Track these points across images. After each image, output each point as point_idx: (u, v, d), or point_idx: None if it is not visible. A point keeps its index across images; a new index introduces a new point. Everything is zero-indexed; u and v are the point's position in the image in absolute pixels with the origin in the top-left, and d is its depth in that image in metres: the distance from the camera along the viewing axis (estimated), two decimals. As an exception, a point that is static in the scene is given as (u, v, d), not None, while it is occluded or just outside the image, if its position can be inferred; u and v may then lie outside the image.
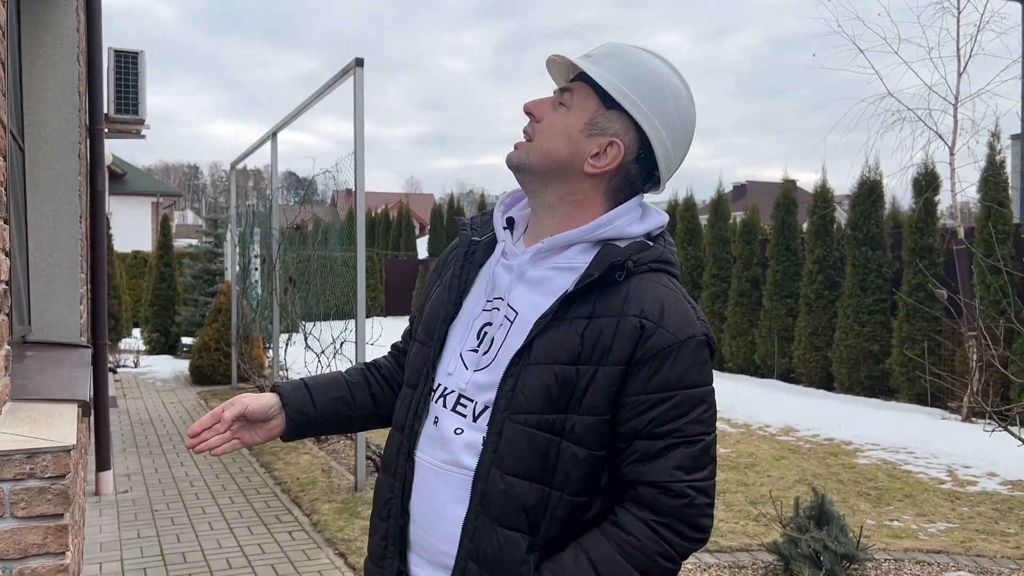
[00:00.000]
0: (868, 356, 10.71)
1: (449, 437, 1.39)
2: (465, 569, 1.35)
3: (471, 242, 1.51)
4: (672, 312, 1.34)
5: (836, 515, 4.32)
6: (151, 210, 35.55)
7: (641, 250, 1.38)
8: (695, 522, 1.34)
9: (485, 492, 1.34)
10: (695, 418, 1.33)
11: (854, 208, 10.93)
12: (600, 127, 1.39)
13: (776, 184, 13.86)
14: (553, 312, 1.34)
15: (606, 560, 1.32)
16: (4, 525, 1.62)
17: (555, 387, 1.32)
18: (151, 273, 17.35)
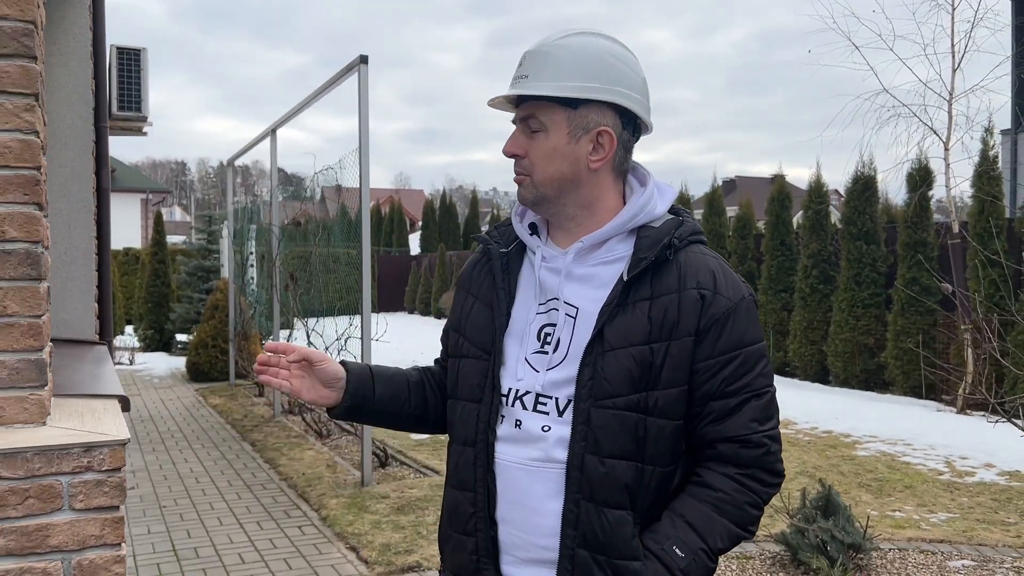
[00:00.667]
0: (863, 350, 10.81)
1: (538, 435, 1.43)
2: (574, 557, 1.40)
3: (502, 254, 1.55)
4: (723, 278, 1.44)
5: (843, 506, 4.39)
6: (140, 207, 35.42)
7: (678, 227, 1.47)
8: (773, 467, 1.44)
9: (582, 479, 1.39)
10: (759, 372, 1.44)
11: (848, 203, 11.02)
12: (581, 127, 1.44)
13: (766, 180, 13.92)
14: (616, 299, 1.41)
15: (702, 518, 1.40)
16: (63, 517, 1.66)
17: (635, 369, 1.39)
18: (144, 270, 17.32)
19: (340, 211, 9.61)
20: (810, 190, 11.77)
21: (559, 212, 1.49)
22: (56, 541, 1.65)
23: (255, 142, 9.49)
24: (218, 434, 8.23)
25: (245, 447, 7.62)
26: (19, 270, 1.73)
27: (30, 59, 1.74)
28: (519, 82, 1.45)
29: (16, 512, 1.63)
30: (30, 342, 1.74)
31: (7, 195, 1.72)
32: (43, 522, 1.64)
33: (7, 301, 1.72)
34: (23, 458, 1.63)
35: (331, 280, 8.16)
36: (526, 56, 1.46)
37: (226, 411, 9.40)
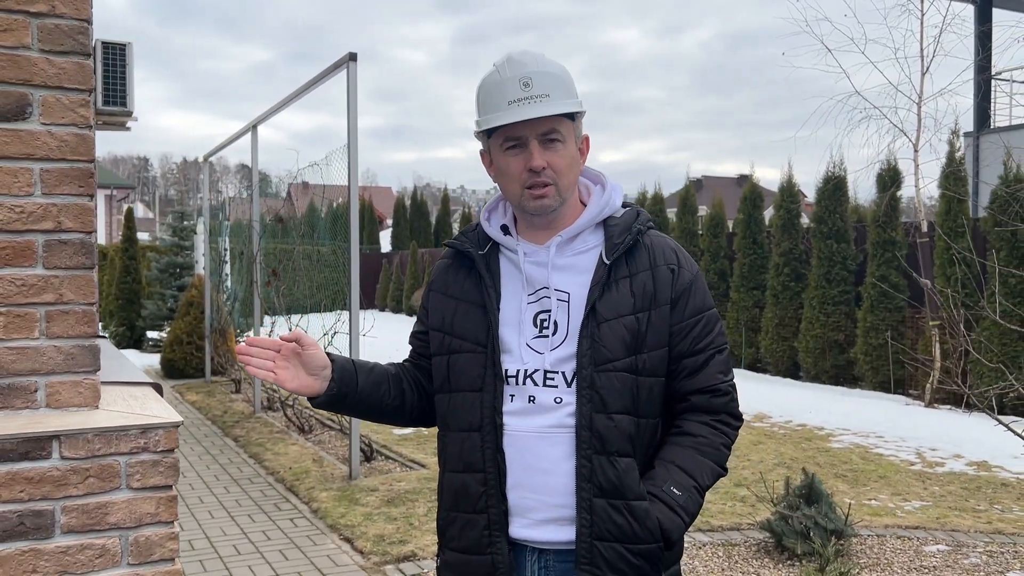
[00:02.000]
0: (833, 345, 11.07)
1: (551, 406, 1.62)
2: (591, 506, 1.58)
3: (481, 256, 1.72)
4: (682, 255, 1.72)
5: (825, 494, 4.56)
6: (104, 203, 34.91)
7: (638, 216, 1.73)
8: (735, 411, 1.72)
9: (592, 437, 1.58)
10: (719, 331, 1.71)
11: (819, 203, 11.27)
12: (578, 136, 1.69)
13: (732, 179, 14.14)
14: (602, 279, 1.64)
15: (689, 461, 1.64)
16: (121, 496, 1.73)
17: (627, 336, 1.62)
18: (113, 267, 17.12)
19: (309, 208, 9.65)
20: (782, 190, 12.01)
21: (556, 211, 1.68)
22: (114, 519, 1.72)
23: (235, 138, 9.47)
24: (199, 430, 8.23)
25: (228, 442, 7.64)
26: (75, 259, 1.80)
27: (84, 56, 1.81)
28: (543, 101, 1.61)
29: (77, 491, 1.70)
30: (84, 328, 1.81)
31: (64, 187, 1.79)
32: (103, 500, 1.71)
33: (63, 289, 1.78)
34: (84, 439, 1.70)
35: (313, 276, 8.19)
36: (534, 77, 1.61)
37: (205, 407, 9.38)
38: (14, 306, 1.75)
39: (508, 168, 1.65)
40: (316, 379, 1.66)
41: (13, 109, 1.75)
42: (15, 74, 1.75)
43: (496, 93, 1.63)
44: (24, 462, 1.66)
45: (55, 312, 1.78)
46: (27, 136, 1.76)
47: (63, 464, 1.68)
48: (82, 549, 1.70)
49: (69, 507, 1.69)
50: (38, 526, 1.67)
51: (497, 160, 1.68)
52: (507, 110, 1.61)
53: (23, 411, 1.76)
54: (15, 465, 1.65)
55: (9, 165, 1.75)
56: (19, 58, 1.75)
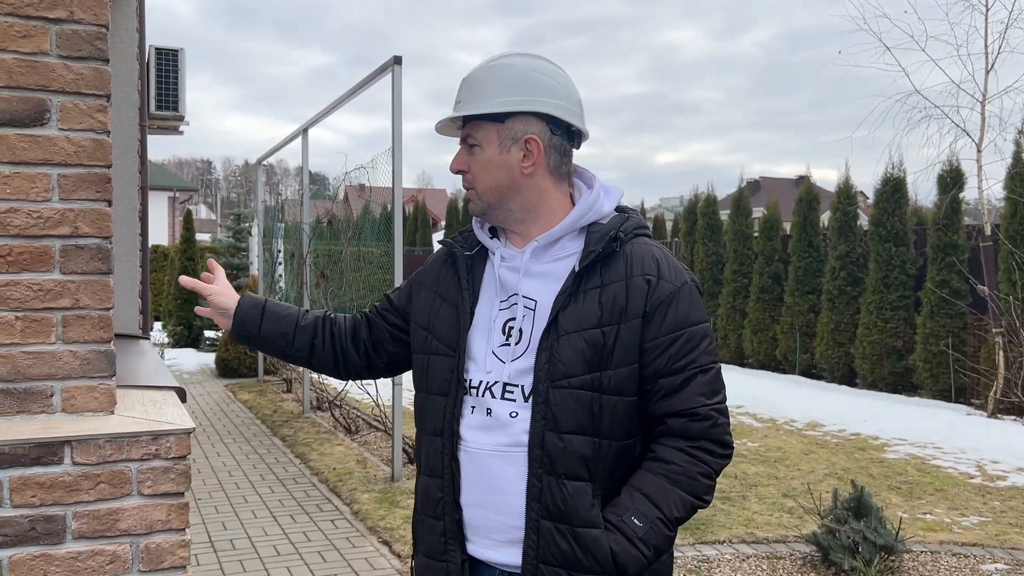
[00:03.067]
0: (891, 352, 10.75)
1: (507, 421, 1.56)
2: (539, 528, 1.51)
3: (467, 257, 1.68)
4: (666, 266, 1.59)
5: (875, 507, 4.40)
6: (167, 204, 35.80)
7: (624, 222, 1.62)
8: (721, 439, 1.56)
9: (543, 455, 1.51)
10: (704, 349, 1.56)
11: (878, 205, 10.96)
12: (510, 138, 1.59)
13: (790, 180, 13.87)
14: (569, 288, 1.55)
15: (657, 490, 1.52)
16: (132, 502, 1.72)
17: (588, 350, 1.51)
18: (173, 267, 17.51)
19: (363, 210, 9.71)
20: (838, 191, 11.72)
21: (507, 217, 1.64)
22: (125, 525, 1.72)
23: (286, 141, 9.59)
24: (248, 429, 8.34)
25: (276, 442, 7.73)
26: (91, 264, 1.80)
27: (102, 61, 1.81)
28: (455, 107, 1.63)
29: (88, 496, 1.69)
30: (100, 334, 1.81)
31: (81, 192, 1.79)
32: (113, 506, 1.71)
33: (79, 294, 1.79)
34: (96, 445, 1.70)
35: (361, 278, 8.24)
36: (462, 83, 1.63)
37: (256, 407, 9.52)
38: (31, 311, 1.76)
39: None
40: (226, 318, 1.84)
41: (31, 115, 1.76)
42: (34, 80, 1.76)
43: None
44: (36, 467, 1.66)
45: (71, 317, 1.78)
46: (45, 142, 1.76)
47: (75, 469, 1.68)
48: (93, 555, 1.70)
49: (80, 513, 1.69)
50: (49, 531, 1.67)
51: None
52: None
53: (39, 415, 1.76)
54: (27, 470, 1.66)
55: (27, 171, 1.76)
56: (38, 64, 1.76)
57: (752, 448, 7.21)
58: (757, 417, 8.74)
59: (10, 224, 1.74)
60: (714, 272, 14.09)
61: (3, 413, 1.74)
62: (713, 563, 4.47)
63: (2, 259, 1.74)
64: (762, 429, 8.11)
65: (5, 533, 1.64)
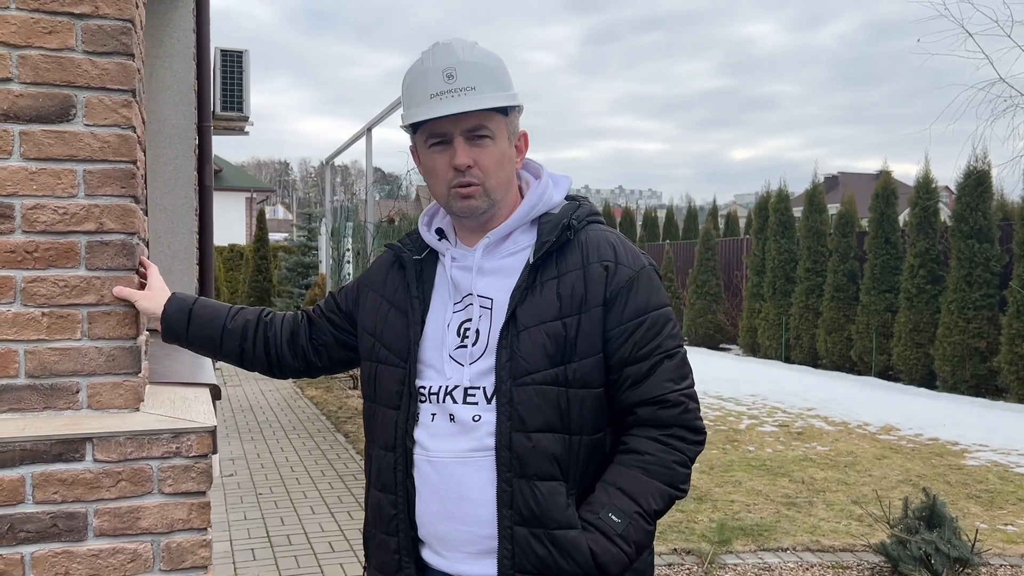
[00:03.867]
0: (974, 353, 10.28)
1: (471, 426, 1.48)
2: (512, 535, 1.43)
3: (415, 261, 1.61)
4: (623, 250, 1.53)
5: (949, 517, 4.17)
6: (245, 205, 36.74)
7: (575, 210, 1.57)
8: (693, 425, 1.50)
9: (512, 457, 1.44)
10: (668, 334, 1.51)
11: (960, 199, 10.50)
12: (512, 131, 1.56)
13: (870, 175, 13.43)
14: (525, 281, 1.49)
15: (633, 483, 1.45)
16: (153, 500, 1.71)
17: (550, 344, 1.45)
18: (247, 266, 17.95)
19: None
20: (918, 185, 11.27)
21: (490, 213, 1.55)
22: (146, 523, 1.70)
23: (351, 141, 9.69)
24: (313, 425, 8.45)
25: (339, 438, 7.80)
26: (116, 260, 1.79)
27: (127, 56, 1.80)
28: (467, 94, 1.47)
29: (110, 494, 1.68)
30: (125, 330, 1.80)
31: (105, 188, 1.78)
32: (134, 504, 1.70)
33: (104, 290, 1.78)
34: (116, 442, 1.69)
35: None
36: (459, 68, 1.48)
37: (322, 403, 9.64)
38: (57, 307, 1.76)
39: (434, 166, 1.53)
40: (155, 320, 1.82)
41: (57, 111, 1.76)
42: (60, 76, 1.75)
43: (418, 85, 1.51)
44: (58, 463, 1.66)
45: (97, 313, 1.78)
46: (70, 137, 1.76)
47: (96, 467, 1.68)
48: (114, 553, 1.69)
49: (102, 510, 1.68)
50: (71, 528, 1.66)
51: (423, 158, 1.56)
52: (428, 104, 1.49)
53: (65, 412, 1.76)
54: (49, 466, 1.65)
55: (53, 167, 1.76)
56: (63, 60, 1.76)
57: (821, 452, 6.96)
58: (828, 420, 8.44)
59: (36, 220, 1.75)
60: (786, 270, 13.72)
61: (29, 409, 1.74)
62: (775, 571, 4.31)
63: (29, 255, 1.74)
64: (833, 433, 7.83)
65: (27, 529, 1.64)
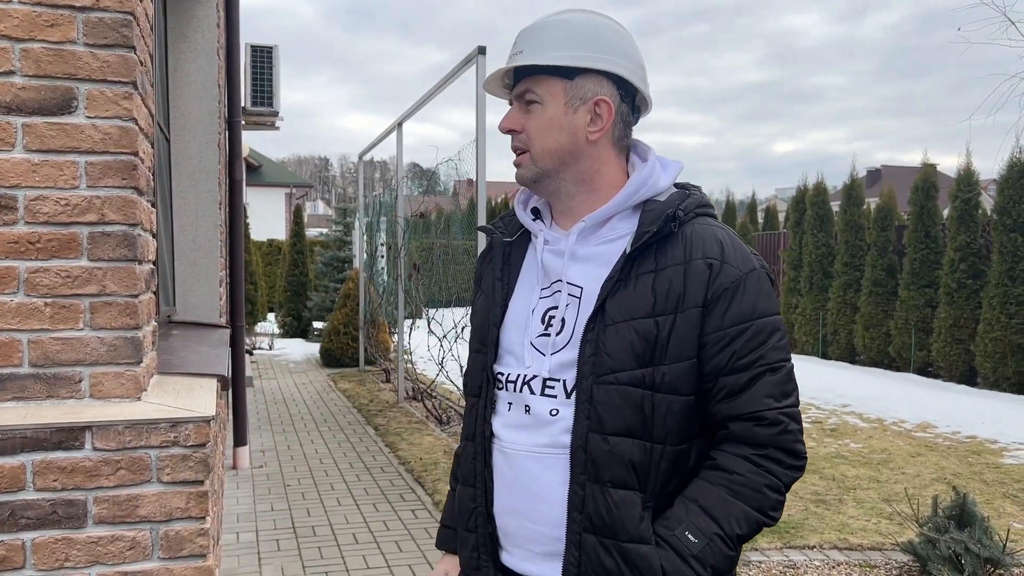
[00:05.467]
0: (1017, 350, 10.02)
1: (546, 420, 1.40)
2: (580, 542, 1.35)
3: (504, 243, 1.54)
4: (731, 248, 1.39)
5: (979, 516, 4.06)
6: (284, 200, 37.15)
7: (684, 199, 1.43)
8: (792, 448, 1.36)
9: (587, 459, 1.35)
10: (774, 345, 1.37)
11: (1002, 192, 10.23)
12: (579, 97, 1.41)
13: (914, 168, 13.16)
14: (618, 272, 1.37)
15: (717, 503, 1.34)
16: (151, 489, 1.73)
17: (639, 343, 1.34)
18: (284, 260, 18.15)
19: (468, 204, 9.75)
20: (958, 178, 11.01)
21: (559, 189, 1.46)
22: (145, 512, 1.72)
23: (382, 136, 9.73)
24: (344, 418, 8.51)
25: (368, 431, 7.85)
26: (117, 251, 1.81)
27: (128, 48, 1.81)
28: (513, 58, 1.43)
29: (109, 482, 1.70)
30: (127, 320, 1.82)
31: (107, 180, 1.80)
32: (133, 492, 1.71)
33: (106, 281, 1.80)
34: (115, 430, 1.70)
35: (451, 271, 8.27)
36: (520, 34, 1.44)
37: (354, 395, 9.71)
38: (60, 297, 1.78)
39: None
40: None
41: (59, 103, 1.78)
42: (61, 68, 1.78)
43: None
44: (58, 451, 1.68)
45: (99, 303, 1.80)
46: (72, 129, 1.78)
47: (95, 455, 1.70)
48: (113, 540, 1.71)
49: (101, 498, 1.70)
50: (71, 515, 1.69)
51: None
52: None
53: (68, 400, 1.79)
54: (49, 454, 1.68)
55: (55, 158, 1.78)
56: (65, 52, 1.78)
57: (854, 449, 6.84)
58: (863, 417, 8.30)
59: (39, 211, 1.77)
60: (824, 264, 13.50)
61: (33, 397, 1.77)
62: (800, 569, 4.24)
63: (31, 246, 1.77)
64: (867, 430, 7.69)
65: (28, 516, 1.67)
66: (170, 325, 3.68)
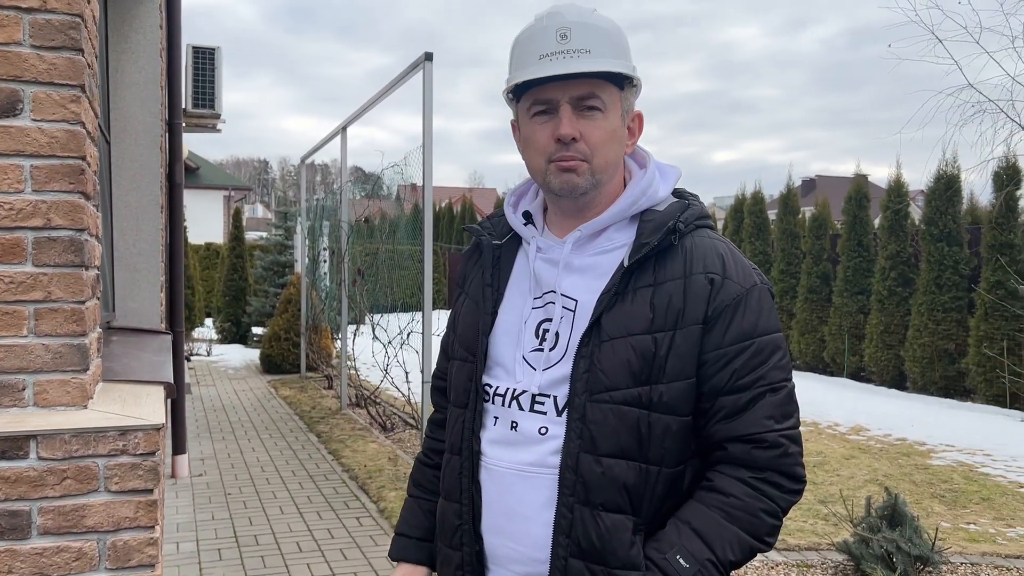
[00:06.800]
0: (943, 355, 10.40)
1: (534, 438, 1.34)
2: (566, 567, 1.30)
3: (494, 247, 1.46)
4: (732, 263, 1.34)
5: (910, 516, 4.22)
6: (223, 203, 36.48)
7: (684, 210, 1.37)
8: (792, 472, 1.31)
9: (577, 481, 1.29)
10: (775, 364, 1.31)
11: (930, 203, 10.62)
12: (627, 108, 1.37)
13: (847, 179, 13.54)
14: (615, 286, 1.31)
15: (710, 526, 1.28)
16: (98, 499, 1.70)
17: (636, 360, 1.28)
18: (223, 264, 17.82)
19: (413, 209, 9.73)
20: (889, 189, 11.39)
21: (593, 199, 1.38)
22: (92, 522, 1.69)
23: (326, 140, 9.65)
24: (286, 425, 8.40)
25: (311, 438, 7.76)
26: (63, 257, 1.78)
27: (76, 51, 1.79)
28: (581, 56, 1.29)
29: (54, 492, 1.67)
30: (73, 327, 1.79)
31: (53, 184, 1.77)
32: (80, 503, 1.68)
33: (51, 287, 1.77)
34: (61, 439, 1.67)
35: (396, 276, 8.24)
36: (575, 28, 1.31)
37: (295, 402, 9.59)
38: (3, 303, 1.74)
39: (534, 137, 1.35)
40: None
41: (3, 105, 1.74)
42: (6, 70, 1.74)
43: (529, 46, 1.33)
44: (1, 461, 1.64)
45: (44, 310, 1.77)
46: (17, 132, 1.75)
47: (40, 464, 1.66)
48: (58, 551, 1.67)
49: (46, 508, 1.67)
50: (14, 526, 1.65)
51: (523, 128, 1.38)
52: (536, 65, 1.31)
53: (10, 409, 1.75)
54: (-8, 464, 1.64)
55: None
56: (10, 54, 1.74)
57: (791, 452, 7.02)
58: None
59: (-18, 216, 1.73)
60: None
61: (-26, 406, 1.73)
62: (740, 569, 4.34)
63: (-27, 251, 1.73)
64: (803, 433, 7.89)
65: (-31, 527, 1.63)
66: (109, 331, 3.60)
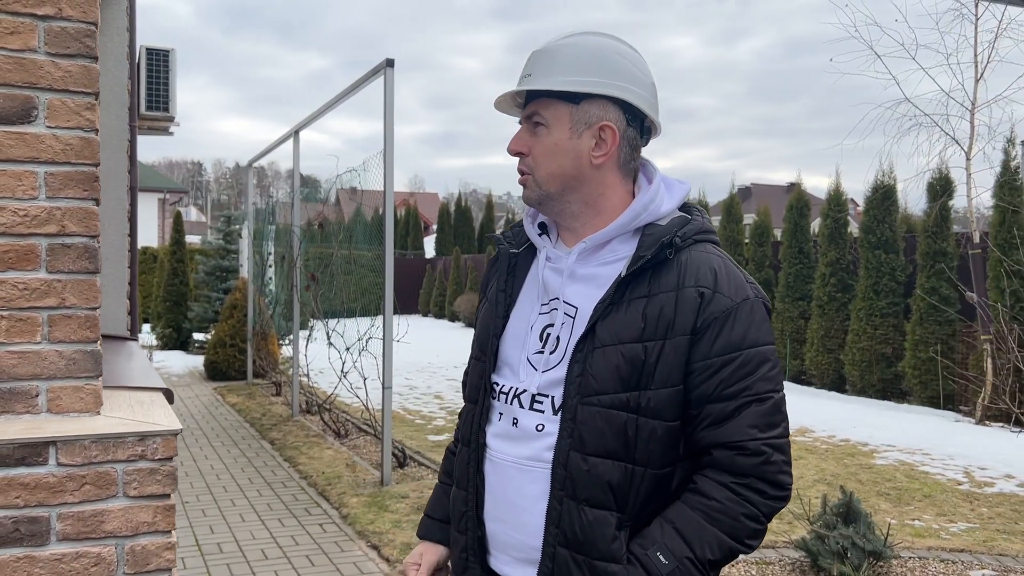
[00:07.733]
0: (880, 359, 10.79)
1: (532, 434, 1.45)
2: (554, 555, 1.39)
3: (511, 255, 1.57)
4: (725, 277, 1.40)
5: (863, 513, 4.40)
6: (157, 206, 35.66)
7: (683, 225, 1.44)
8: (775, 479, 1.37)
9: (566, 477, 1.38)
10: (762, 376, 1.37)
11: (868, 212, 11.01)
12: (583, 122, 1.44)
13: (781, 187, 13.94)
14: (611, 296, 1.39)
15: (691, 526, 1.35)
16: (117, 504, 1.71)
17: (625, 366, 1.36)
18: (162, 269, 17.44)
19: (355, 213, 9.70)
20: (829, 198, 11.77)
21: (563, 210, 1.49)
22: (111, 527, 1.70)
23: (277, 143, 9.56)
24: (237, 432, 8.30)
25: (264, 445, 7.69)
26: (78, 264, 1.78)
27: (91, 59, 1.79)
28: (523, 80, 1.47)
29: (73, 498, 1.68)
30: (86, 333, 1.79)
31: (68, 191, 1.77)
32: (99, 508, 1.69)
33: (66, 293, 1.77)
34: (81, 445, 1.68)
35: (351, 281, 8.22)
36: (531, 56, 1.48)
37: (244, 410, 9.47)
38: (16, 310, 1.74)
39: None
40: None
41: (19, 112, 1.74)
42: (21, 77, 1.74)
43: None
44: (20, 467, 1.64)
45: (57, 316, 1.77)
46: (32, 139, 1.75)
47: (59, 470, 1.67)
48: (77, 557, 1.68)
49: (65, 514, 1.67)
50: (33, 533, 1.65)
51: None
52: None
53: (24, 416, 1.75)
54: (11, 471, 1.64)
55: (13, 168, 1.74)
56: (25, 61, 1.74)
57: (742, 454, 7.21)
58: (747, 423, 8.74)
59: (-4, 222, 1.73)
60: (705, 278, 14.12)
61: (-13, 413, 1.72)
62: (702, 568, 4.47)
63: (-12, 257, 1.72)
64: (752, 435, 8.12)
65: (-12, 534, 1.62)
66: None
